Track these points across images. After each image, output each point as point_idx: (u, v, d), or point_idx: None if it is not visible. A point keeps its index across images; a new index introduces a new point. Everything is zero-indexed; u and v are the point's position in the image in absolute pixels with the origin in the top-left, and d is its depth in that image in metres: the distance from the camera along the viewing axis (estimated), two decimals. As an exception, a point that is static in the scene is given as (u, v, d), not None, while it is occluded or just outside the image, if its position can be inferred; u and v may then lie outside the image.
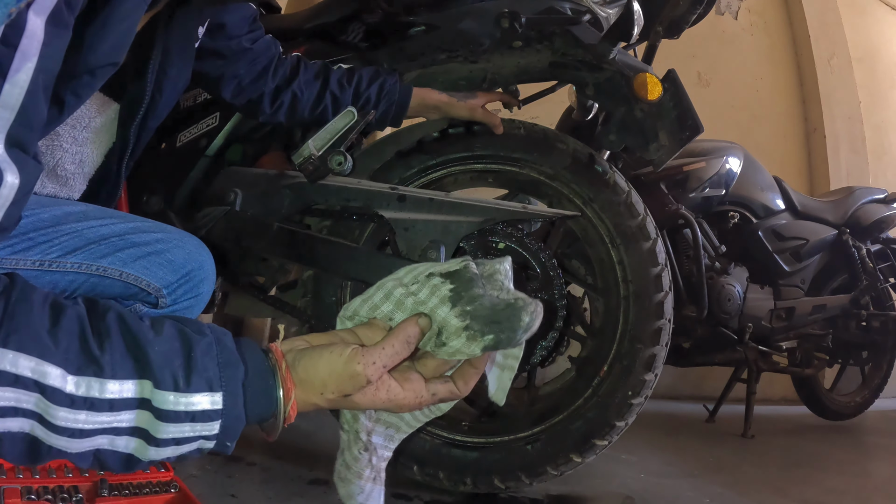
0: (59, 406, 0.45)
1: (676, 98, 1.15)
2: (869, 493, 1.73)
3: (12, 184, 0.44)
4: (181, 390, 0.48)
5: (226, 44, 1.08)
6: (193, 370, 0.49)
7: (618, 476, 1.54)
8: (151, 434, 0.48)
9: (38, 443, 0.46)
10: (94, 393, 0.46)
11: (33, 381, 0.44)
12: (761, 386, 2.41)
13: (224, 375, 0.50)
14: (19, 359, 0.44)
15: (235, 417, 0.50)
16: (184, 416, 0.48)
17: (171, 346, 0.49)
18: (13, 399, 0.44)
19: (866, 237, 2.71)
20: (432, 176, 1.27)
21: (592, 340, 1.29)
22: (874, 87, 4.09)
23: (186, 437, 0.49)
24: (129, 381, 0.47)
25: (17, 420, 0.45)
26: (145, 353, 0.48)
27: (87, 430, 0.46)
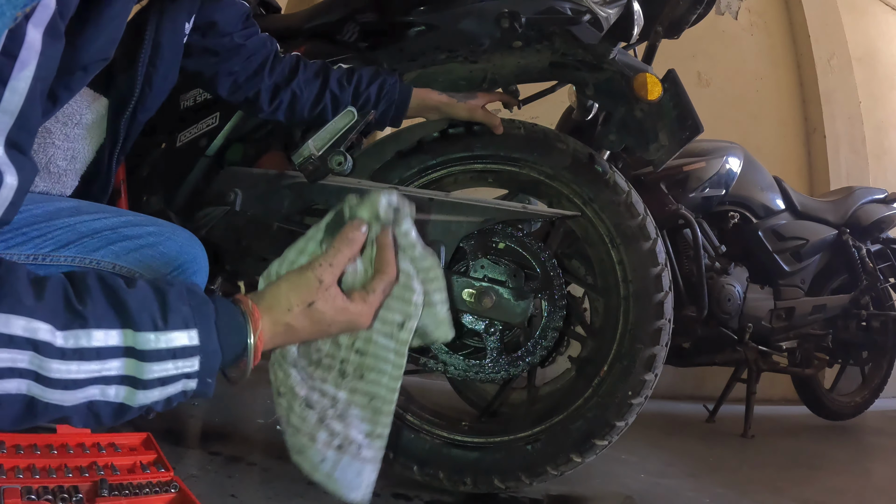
0: (52, 359, 0.48)
1: (676, 98, 1.15)
2: (869, 493, 1.73)
3: (11, 184, 0.46)
4: (160, 329, 0.52)
5: (218, 41, 1.08)
6: (169, 311, 0.53)
7: (618, 476, 1.54)
8: (138, 378, 0.52)
9: (34, 402, 0.49)
10: (82, 343, 0.49)
11: (25, 338, 0.47)
12: (761, 386, 2.41)
13: (197, 314, 0.54)
14: (10, 319, 0.46)
15: (212, 352, 0.55)
16: (165, 353, 0.52)
17: (146, 294, 0.53)
18: (9, 360, 0.46)
19: (866, 237, 2.71)
20: (432, 176, 1.27)
21: (592, 340, 1.29)
22: (874, 87, 4.09)
23: (170, 376, 0.53)
24: (112, 330, 0.51)
25: (13, 381, 0.47)
26: (124, 302, 0.51)
27: (79, 381, 0.49)
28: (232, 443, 1.47)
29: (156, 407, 0.56)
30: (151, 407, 0.55)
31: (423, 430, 1.24)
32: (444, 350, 1.18)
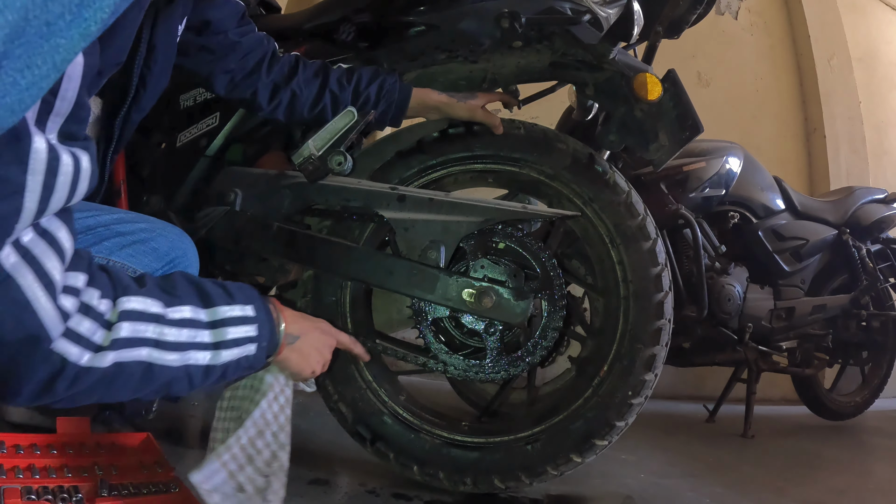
0: (166, 326, 0.64)
1: (676, 98, 1.15)
2: (869, 493, 1.73)
3: (87, 167, 0.53)
4: (231, 304, 0.71)
5: (213, 39, 1.09)
6: (232, 294, 0.72)
7: (618, 476, 1.54)
8: (220, 340, 0.69)
9: (151, 367, 0.62)
10: (184, 314, 0.66)
11: (150, 313, 0.62)
12: (761, 386, 2.41)
13: (250, 297, 0.74)
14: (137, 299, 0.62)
15: (263, 322, 0.74)
16: (237, 320, 0.71)
17: (213, 283, 0.72)
18: (140, 330, 0.61)
19: (866, 237, 2.71)
20: (432, 176, 1.27)
21: (592, 340, 1.29)
22: (874, 87, 4.09)
23: (240, 338, 0.71)
24: (199, 308, 0.68)
25: (144, 349, 0.62)
26: (202, 288, 0.70)
27: (183, 344, 0.65)
28: (232, 443, 1.46)
29: (229, 372, 0.71)
30: (225, 372, 0.71)
31: (423, 430, 1.24)
32: (444, 350, 1.18)
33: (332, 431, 1.37)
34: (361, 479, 1.25)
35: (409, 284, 1.12)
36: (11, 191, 0.46)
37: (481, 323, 1.16)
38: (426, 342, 1.18)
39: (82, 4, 0.38)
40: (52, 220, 0.53)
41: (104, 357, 0.59)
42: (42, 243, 0.53)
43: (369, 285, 1.23)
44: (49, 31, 0.37)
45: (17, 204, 0.47)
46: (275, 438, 0.85)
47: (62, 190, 0.50)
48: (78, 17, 0.38)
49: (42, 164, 0.47)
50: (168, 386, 0.65)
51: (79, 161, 0.51)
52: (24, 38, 0.36)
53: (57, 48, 0.38)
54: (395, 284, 1.13)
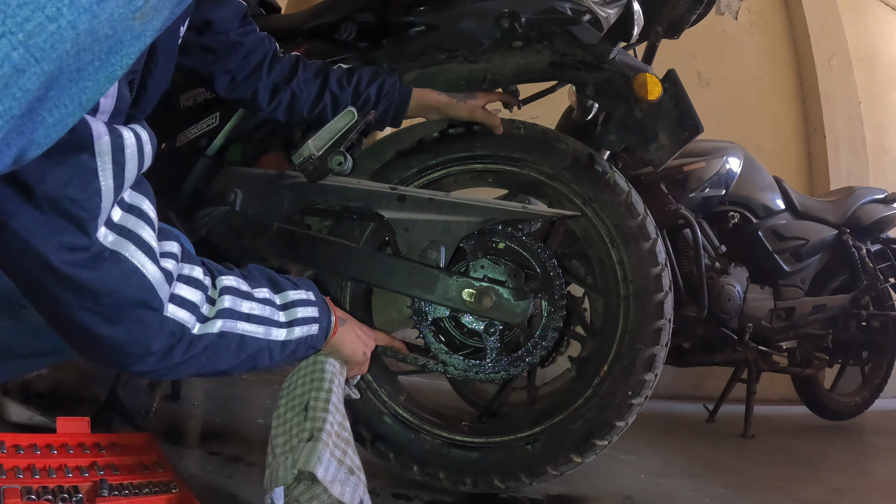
0: (253, 302, 0.75)
1: (676, 98, 1.15)
2: (869, 493, 1.73)
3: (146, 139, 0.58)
4: (296, 289, 0.83)
5: (214, 39, 1.09)
6: (297, 282, 0.85)
7: (618, 476, 1.54)
8: (291, 319, 0.81)
9: (244, 339, 0.72)
10: (263, 294, 0.77)
11: (242, 290, 0.74)
12: (761, 386, 2.41)
13: (307, 286, 0.87)
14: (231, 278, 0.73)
15: (321, 305, 0.87)
16: (302, 302, 0.83)
17: (278, 275, 0.84)
18: (238, 304, 0.72)
19: (866, 237, 2.71)
20: (432, 176, 1.27)
21: (592, 340, 1.29)
22: (874, 87, 4.09)
23: (307, 318, 0.83)
24: (272, 293, 0.80)
25: (239, 322, 0.72)
26: (270, 275, 0.82)
27: (266, 319, 0.76)
28: (232, 443, 1.46)
29: (298, 350, 0.83)
30: (296, 349, 0.82)
31: (423, 430, 1.24)
32: (444, 350, 1.18)
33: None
34: (361, 479, 1.25)
35: (409, 284, 1.12)
36: (85, 175, 0.52)
37: (481, 323, 1.16)
38: (426, 342, 1.18)
39: (111, 52, 0.40)
40: (133, 195, 0.60)
41: (213, 325, 0.68)
42: (132, 218, 0.59)
43: (369, 285, 1.23)
44: (79, 75, 0.40)
45: (95, 186, 0.53)
46: (345, 420, 0.92)
47: (132, 161, 0.56)
48: (106, 63, 0.41)
49: (107, 146, 0.53)
50: (254, 357, 0.75)
51: (138, 133, 0.56)
52: (57, 83, 0.38)
53: (84, 90, 0.41)
54: (395, 284, 1.13)
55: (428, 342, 1.18)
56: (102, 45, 0.39)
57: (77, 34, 0.37)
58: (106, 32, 0.39)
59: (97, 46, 0.39)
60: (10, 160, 0.40)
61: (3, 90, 0.35)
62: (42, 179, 0.50)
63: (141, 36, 0.42)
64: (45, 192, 0.50)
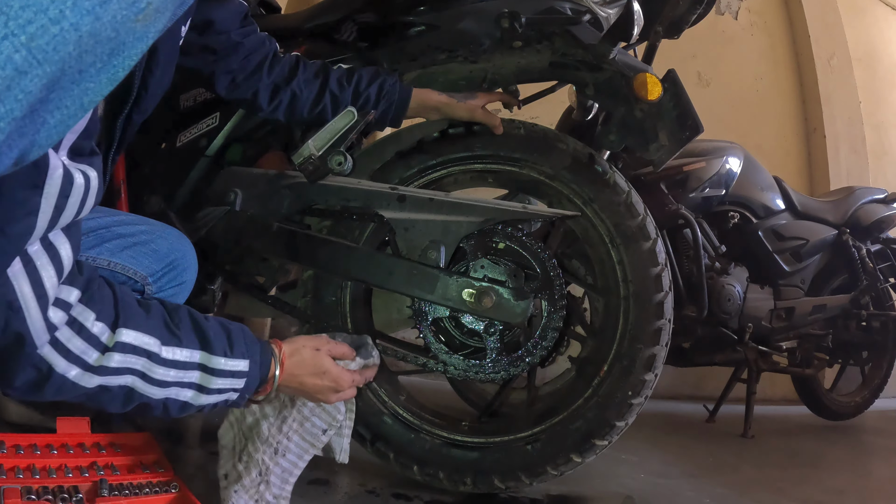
0: (157, 365, 0.69)
1: (676, 98, 1.15)
2: (869, 493, 1.73)
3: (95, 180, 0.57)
4: (227, 356, 0.75)
5: (215, 39, 1.09)
6: (234, 344, 0.76)
7: (618, 476, 1.54)
8: (205, 386, 0.73)
9: (132, 392, 0.68)
10: (176, 356, 0.70)
11: (143, 349, 0.68)
12: (761, 386, 2.41)
13: (250, 349, 0.78)
14: (133, 334, 0.67)
15: (253, 377, 0.78)
16: (227, 373, 0.75)
17: (218, 329, 0.76)
18: (130, 362, 0.66)
19: (866, 237, 2.71)
20: (432, 176, 1.27)
21: (592, 340, 1.29)
22: (874, 87, 4.09)
23: (224, 388, 0.76)
24: (196, 351, 0.72)
25: (128, 377, 0.67)
26: (204, 331, 0.74)
27: (168, 382, 0.70)
28: (232, 443, 1.46)
29: (204, 409, 0.76)
30: (202, 409, 0.76)
31: (423, 430, 1.24)
32: (444, 350, 1.18)
33: (332, 431, 1.36)
34: (361, 479, 1.25)
35: (409, 284, 1.12)
36: (26, 212, 0.51)
37: (481, 323, 1.16)
38: (426, 342, 1.18)
39: (113, 54, 0.40)
40: (58, 235, 0.58)
41: (91, 378, 0.65)
42: (45, 256, 0.57)
43: (369, 285, 1.23)
44: (81, 77, 0.40)
45: (30, 224, 0.52)
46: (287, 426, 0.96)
47: (72, 209, 0.55)
48: (108, 65, 0.41)
49: (56, 188, 0.52)
50: (144, 409, 0.71)
51: (89, 179, 0.56)
52: (59, 84, 0.39)
53: (86, 91, 0.41)
54: (395, 284, 1.13)
55: (428, 342, 1.18)
56: (105, 46, 0.39)
57: (80, 36, 0.37)
58: (108, 34, 0.39)
59: (99, 48, 0.39)
60: (12, 161, 0.40)
61: (5, 92, 0.35)
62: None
63: (143, 38, 0.42)
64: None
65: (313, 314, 1.25)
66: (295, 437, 0.97)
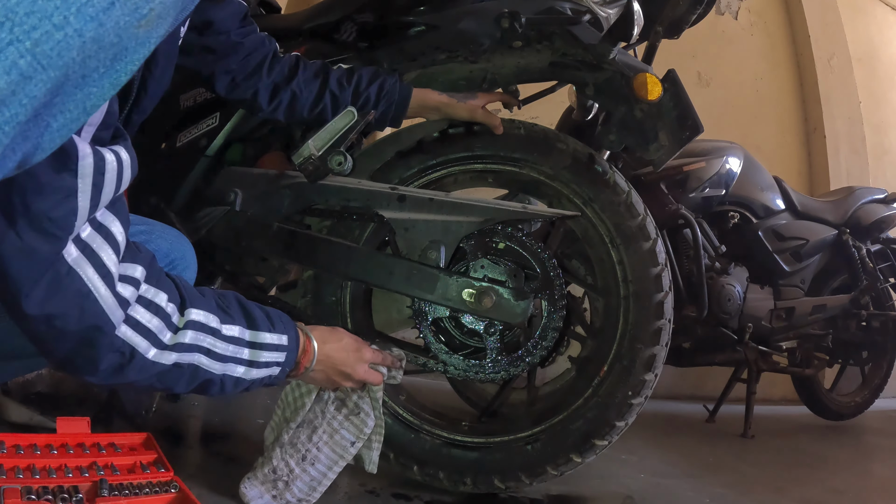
0: (218, 340, 0.75)
1: (676, 98, 1.15)
2: (869, 493, 1.73)
3: (126, 159, 0.58)
4: (271, 332, 0.82)
5: (215, 39, 1.09)
6: (274, 323, 0.83)
7: (618, 476, 1.54)
8: (255, 360, 0.80)
9: (198, 370, 0.73)
10: (233, 333, 0.77)
11: (210, 326, 0.74)
12: (761, 386, 2.41)
13: (287, 327, 0.86)
14: (202, 313, 0.73)
15: (293, 350, 0.86)
16: (272, 347, 0.82)
17: (259, 309, 0.83)
18: (197, 338, 0.72)
19: (866, 237, 2.71)
20: (432, 176, 1.27)
21: (592, 340, 1.29)
22: (874, 87, 4.09)
23: (270, 362, 0.82)
24: (245, 329, 0.79)
25: (196, 354, 0.72)
26: (250, 312, 0.81)
27: (227, 357, 0.76)
28: (232, 443, 1.47)
29: (252, 386, 0.82)
30: (250, 385, 0.82)
31: (423, 430, 1.24)
32: (444, 350, 1.18)
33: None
34: (361, 479, 1.25)
35: (409, 284, 1.12)
36: (66, 195, 0.53)
37: (481, 323, 1.16)
38: (426, 342, 1.18)
39: (116, 59, 0.41)
40: (105, 214, 0.60)
41: (169, 355, 0.69)
42: (98, 237, 0.59)
43: (369, 285, 1.23)
44: (84, 82, 0.40)
45: (72, 205, 0.54)
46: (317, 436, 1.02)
47: (110, 185, 0.57)
48: (111, 70, 0.41)
49: (90, 168, 0.54)
50: (205, 386, 0.76)
51: (119, 155, 0.57)
52: (63, 89, 0.39)
53: (89, 96, 0.41)
54: (395, 284, 1.13)
55: (428, 342, 1.18)
56: (108, 52, 0.40)
57: (83, 42, 0.37)
58: (111, 40, 0.39)
59: (102, 53, 0.39)
60: (15, 164, 0.40)
61: (10, 97, 0.36)
62: (25, 198, 0.52)
63: (145, 43, 0.42)
64: (27, 212, 0.52)
65: (313, 314, 1.25)
66: (325, 449, 1.02)
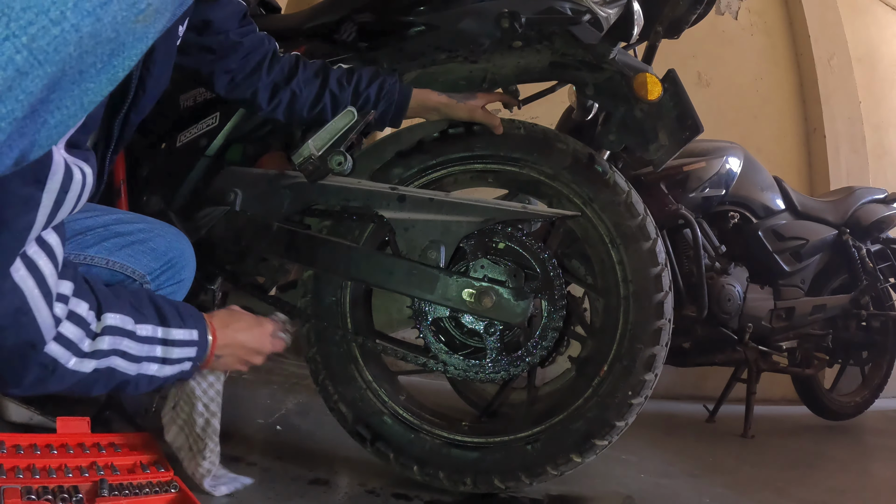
0: (134, 342, 0.74)
1: (676, 98, 1.15)
2: (869, 493, 1.73)
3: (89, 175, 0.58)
4: (182, 327, 0.82)
5: (214, 38, 1.09)
6: (184, 318, 0.83)
7: (618, 476, 1.54)
8: (168, 357, 0.80)
9: (114, 372, 0.73)
10: (147, 333, 0.77)
11: (125, 329, 0.73)
12: (761, 386, 2.41)
13: (196, 321, 0.86)
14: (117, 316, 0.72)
15: (202, 344, 0.86)
16: (183, 343, 0.82)
17: (169, 304, 0.83)
18: (116, 343, 0.72)
19: (866, 237, 2.71)
20: (432, 176, 1.27)
21: (592, 340, 1.28)
22: (874, 87, 4.09)
23: (182, 358, 0.82)
24: (158, 327, 0.79)
25: (113, 358, 0.72)
26: (161, 308, 0.80)
27: (141, 357, 0.76)
28: (232, 443, 1.46)
29: (166, 382, 0.83)
30: (165, 381, 0.82)
31: (423, 430, 1.24)
32: (444, 350, 1.18)
33: (332, 431, 1.37)
34: (361, 479, 1.25)
35: (409, 284, 1.12)
36: (29, 208, 0.52)
37: (481, 323, 1.16)
38: (426, 342, 1.18)
39: (113, 54, 0.41)
40: (48, 231, 0.58)
41: (88, 363, 0.69)
42: (42, 254, 0.58)
43: (369, 285, 1.23)
44: (81, 77, 0.40)
45: (31, 219, 0.53)
46: (206, 408, 1.01)
47: (69, 204, 0.56)
48: (108, 65, 0.41)
49: (57, 184, 0.53)
50: (120, 387, 0.76)
51: (85, 176, 0.56)
52: (60, 85, 0.39)
53: (86, 92, 0.41)
54: (395, 284, 1.13)
55: (428, 342, 1.18)
56: (105, 47, 0.40)
57: (80, 37, 0.37)
58: (108, 35, 0.39)
59: (100, 49, 0.39)
60: (12, 161, 0.40)
61: (6, 93, 0.35)
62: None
63: (143, 38, 0.42)
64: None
65: (313, 314, 1.25)
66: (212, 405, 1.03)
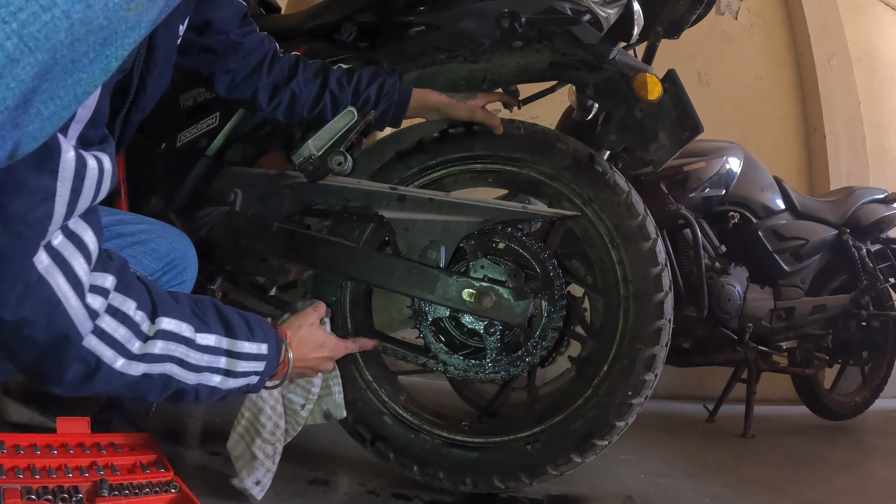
0: (192, 350, 0.71)
1: (676, 98, 1.15)
2: (869, 493, 1.73)
3: (108, 168, 0.57)
4: (250, 340, 0.79)
5: (214, 39, 1.09)
6: (254, 331, 0.80)
7: (618, 476, 1.54)
8: (231, 370, 0.77)
9: (170, 379, 0.70)
10: (209, 342, 0.74)
11: (181, 336, 0.70)
12: (761, 386, 2.41)
13: (267, 335, 0.82)
14: (173, 322, 0.69)
15: (272, 359, 0.83)
16: (250, 356, 0.79)
17: (238, 316, 0.79)
18: (168, 349, 0.69)
19: (866, 237, 2.71)
20: (432, 176, 1.27)
21: (592, 340, 1.29)
22: (874, 87, 4.09)
23: (248, 371, 0.79)
24: (223, 337, 0.76)
25: (168, 364, 0.69)
26: (228, 319, 0.77)
27: (202, 367, 0.73)
28: (232, 443, 1.46)
29: (230, 394, 0.80)
30: (228, 394, 0.79)
31: (423, 430, 1.24)
32: (444, 350, 1.18)
33: (332, 431, 1.37)
34: (361, 479, 1.25)
35: (409, 284, 1.12)
36: (43, 197, 0.51)
37: (481, 323, 1.16)
38: (426, 342, 1.18)
39: (105, 43, 0.40)
40: (78, 223, 0.58)
41: (137, 366, 0.66)
42: (70, 246, 0.57)
43: (369, 285, 1.23)
44: (74, 67, 0.39)
45: (48, 209, 0.52)
46: (273, 411, 1.03)
47: (88, 192, 0.55)
48: (101, 55, 0.40)
49: (70, 171, 0.52)
50: (179, 395, 0.74)
51: (102, 163, 0.55)
52: (52, 74, 0.38)
53: (79, 82, 0.41)
54: (395, 284, 1.13)
55: (428, 342, 1.18)
56: (97, 35, 0.39)
57: (71, 24, 0.37)
58: (100, 23, 0.39)
59: (92, 37, 0.39)
60: (6, 154, 0.40)
61: None
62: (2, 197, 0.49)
63: (136, 27, 0.42)
64: (3, 211, 0.50)
65: (313, 314, 1.25)
66: (281, 421, 1.06)
